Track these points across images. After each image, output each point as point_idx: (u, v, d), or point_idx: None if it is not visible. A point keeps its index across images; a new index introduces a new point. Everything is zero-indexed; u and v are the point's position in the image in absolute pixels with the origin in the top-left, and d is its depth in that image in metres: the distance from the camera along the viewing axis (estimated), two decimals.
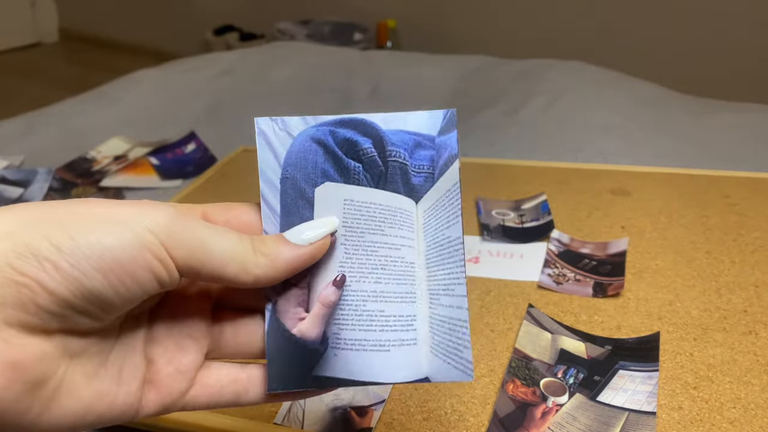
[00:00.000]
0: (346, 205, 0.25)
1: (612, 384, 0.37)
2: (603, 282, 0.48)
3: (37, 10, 3.30)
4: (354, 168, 0.25)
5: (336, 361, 0.24)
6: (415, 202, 0.25)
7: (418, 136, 0.25)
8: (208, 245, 0.21)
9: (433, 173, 0.25)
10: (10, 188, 0.69)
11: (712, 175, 0.64)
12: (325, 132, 0.25)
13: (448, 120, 0.25)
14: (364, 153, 0.25)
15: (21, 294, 0.19)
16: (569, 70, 1.01)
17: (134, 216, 0.20)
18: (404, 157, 0.25)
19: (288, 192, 0.25)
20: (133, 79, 1.07)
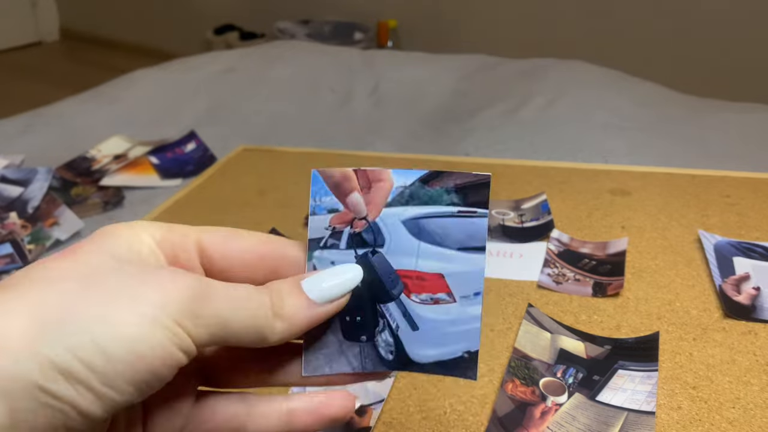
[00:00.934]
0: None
1: (611, 384, 0.37)
2: (602, 282, 0.48)
3: (37, 10, 3.30)
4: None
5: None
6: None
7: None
8: (228, 322, 0.20)
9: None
10: (10, 187, 0.69)
11: (712, 175, 0.64)
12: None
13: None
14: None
15: (53, 419, 0.17)
16: (569, 70, 1.01)
17: (158, 302, 0.19)
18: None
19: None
20: (133, 78, 1.07)
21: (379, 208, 0.24)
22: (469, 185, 0.25)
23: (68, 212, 0.64)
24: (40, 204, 0.66)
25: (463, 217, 0.24)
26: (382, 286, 0.24)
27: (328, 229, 0.25)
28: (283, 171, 0.71)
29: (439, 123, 0.88)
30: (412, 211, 0.25)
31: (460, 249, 0.24)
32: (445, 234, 0.24)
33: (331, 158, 0.74)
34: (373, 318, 0.25)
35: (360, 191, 0.24)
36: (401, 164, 0.71)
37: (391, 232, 0.25)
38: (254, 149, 0.79)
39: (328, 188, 0.25)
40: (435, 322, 0.24)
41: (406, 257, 0.24)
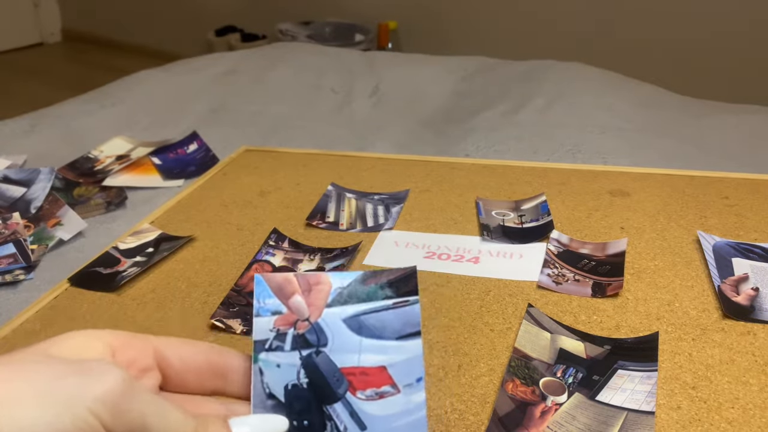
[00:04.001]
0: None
1: (611, 383, 0.38)
2: (602, 282, 0.48)
3: (40, 11, 3.30)
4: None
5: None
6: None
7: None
8: (149, 426, 0.20)
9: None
10: (13, 187, 0.69)
11: (710, 176, 0.64)
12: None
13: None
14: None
15: None
16: (569, 72, 1.01)
17: (78, 391, 0.19)
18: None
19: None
20: (135, 80, 1.07)
21: (321, 309, 0.26)
22: (400, 278, 0.26)
23: (71, 212, 0.65)
24: (42, 204, 0.66)
25: (398, 307, 0.26)
26: (327, 387, 0.25)
27: (272, 331, 0.26)
28: (284, 171, 0.72)
29: (439, 124, 0.89)
30: (352, 309, 0.26)
31: (398, 338, 0.25)
32: (383, 326, 0.26)
33: (332, 159, 0.74)
34: (320, 422, 0.25)
35: (301, 294, 0.26)
36: (402, 165, 0.72)
37: (333, 331, 0.26)
38: (256, 150, 0.79)
39: (271, 291, 0.26)
40: (382, 418, 0.25)
41: (349, 354, 0.25)
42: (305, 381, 0.25)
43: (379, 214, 0.61)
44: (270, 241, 0.56)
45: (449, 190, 0.65)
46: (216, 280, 0.52)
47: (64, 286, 0.52)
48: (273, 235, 0.57)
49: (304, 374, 0.25)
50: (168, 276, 0.53)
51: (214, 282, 0.51)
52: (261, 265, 0.53)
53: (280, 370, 0.25)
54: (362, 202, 0.63)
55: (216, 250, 0.56)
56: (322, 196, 0.64)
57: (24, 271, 0.56)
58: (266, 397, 0.25)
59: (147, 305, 0.49)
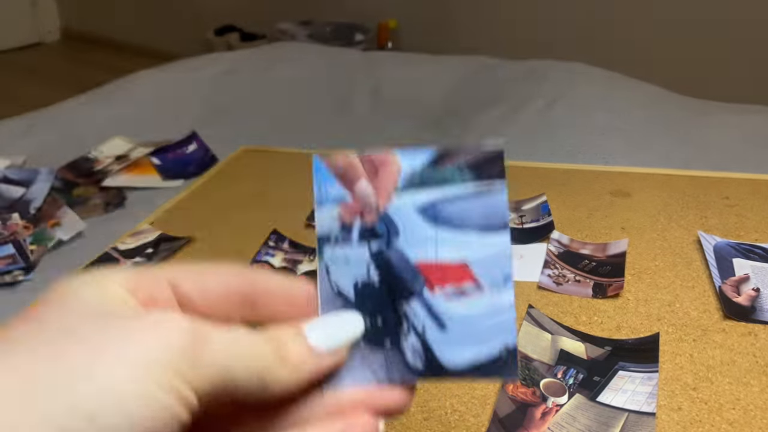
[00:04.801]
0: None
1: (612, 385, 0.38)
2: (603, 283, 0.48)
3: (38, 10, 3.30)
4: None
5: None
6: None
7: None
8: (230, 371, 0.18)
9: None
10: (12, 188, 0.69)
11: (711, 176, 0.64)
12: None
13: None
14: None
15: None
16: (569, 72, 1.01)
17: (149, 353, 0.17)
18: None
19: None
20: (134, 79, 1.07)
21: (390, 194, 0.23)
22: (483, 159, 0.22)
23: (70, 213, 0.64)
24: (42, 205, 0.66)
25: (482, 195, 0.22)
26: (401, 283, 0.22)
27: (337, 223, 0.23)
28: (283, 172, 0.72)
29: (439, 124, 0.89)
30: (426, 195, 0.23)
31: (481, 231, 0.22)
32: (464, 217, 0.22)
33: None
34: (396, 320, 0.22)
35: (367, 178, 0.23)
36: None
37: (405, 221, 0.23)
38: (255, 150, 0.79)
39: (333, 177, 0.24)
40: (464, 318, 0.22)
41: (424, 247, 0.22)
42: (376, 277, 0.22)
43: None
44: (270, 241, 0.56)
45: None
46: None
47: None
48: (273, 236, 0.57)
49: (374, 269, 0.23)
50: None
51: None
52: (261, 266, 0.53)
53: (348, 266, 0.23)
54: None
55: (215, 251, 0.56)
56: None
57: (23, 271, 0.56)
58: (335, 295, 0.23)
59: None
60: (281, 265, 0.53)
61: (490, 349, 0.22)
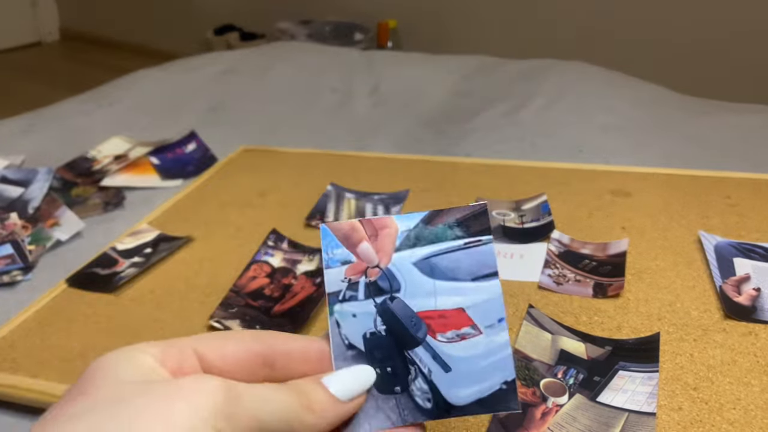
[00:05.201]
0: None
1: (612, 384, 0.38)
2: (603, 282, 0.48)
3: (38, 10, 3.30)
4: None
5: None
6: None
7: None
8: (262, 420, 0.20)
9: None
10: (11, 188, 0.69)
11: (712, 175, 0.64)
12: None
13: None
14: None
15: None
16: (569, 71, 1.01)
17: (192, 412, 0.19)
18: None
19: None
20: (133, 79, 1.07)
21: (390, 253, 0.25)
22: (469, 216, 0.25)
23: (69, 213, 0.64)
24: (40, 204, 0.66)
25: (471, 248, 0.25)
26: (406, 332, 0.24)
27: (344, 281, 0.25)
28: (283, 171, 0.71)
29: (439, 123, 0.88)
30: (422, 251, 0.25)
31: (474, 279, 0.25)
32: (457, 268, 0.25)
33: (331, 159, 0.74)
34: (403, 367, 0.24)
35: (368, 240, 0.26)
36: (402, 164, 0.71)
37: (405, 276, 0.25)
38: (255, 150, 0.79)
39: (338, 241, 0.26)
40: (466, 359, 0.24)
41: (424, 298, 0.25)
42: (383, 328, 0.25)
43: (378, 214, 0.61)
44: (269, 241, 0.56)
45: (449, 190, 0.65)
46: (214, 280, 0.51)
47: (61, 286, 0.52)
48: (272, 236, 0.56)
49: (381, 321, 0.25)
50: (166, 277, 0.52)
51: (213, 283, 0.51)
52: (260, 265, 0.53)
53: (357, 320, 0.25)
54: (362, 202, 0.63)
55: (214, 251, 0.56)
56: (321, 196, 0.64)
57: (22, 271, 0.56)
58: (346, 348, 0.25)
59: (145, 306, 0.49)
60: (280, 265, 0.53)
61: (492, 385, 0.24)
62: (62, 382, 0.41)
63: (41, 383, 0.41)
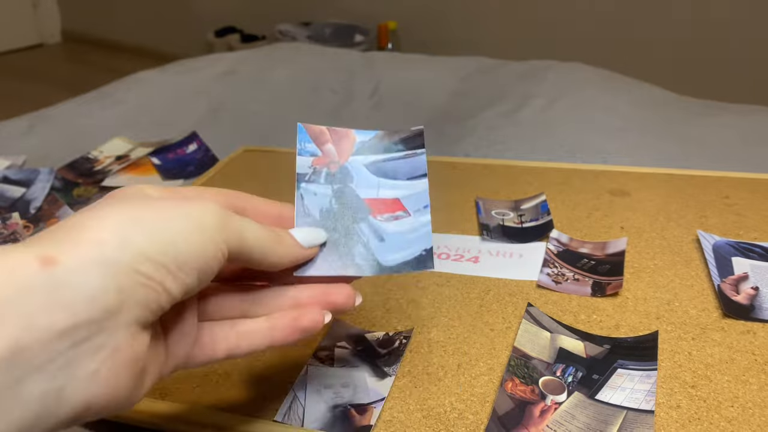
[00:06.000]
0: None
1: (610, 383, 0.38)
2: (602, 281, 0.48)
3: (39, 12, 3.31)
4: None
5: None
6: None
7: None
8: (245, 237, 0.26)
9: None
10: (13, 188, 0.69)
11: (710, 175, 0.64)
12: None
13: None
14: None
15: (149, 295, 0.22)
16: (568, 72, 1.01)
17: (204, 215, 0.25)
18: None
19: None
20: (135, 80, 1.08)
21: (347, 155, 0.34)
22: (410, 137, 0.35)
23: (70, 213, 0.65)
24: (42, 205, 0.66)
25: (408, 158, 0.33)
26: (353, 211, 0.32)
27: (311, 168, 0.33)
28: (284, 172, 0.72)
29: (438, 124, 0.89)
30: (372, 158, 0.34)
31: (408, 179, 0.33)
32: (396, 171, 0.33)
33: None
34: (347, 234, 0.31)
35: (332, 142, 0.34)
36: None
37: (358, 173, 0.33)
38: (255, 150, 0.79)
39: (310, 138, 0.34)
40: (397, 233, 0.31)
41: (370, 189, 0.32)
42: (336, 206, 0.32)
43: None
44: None
45: (449, 189, 0.65)
46: None
47: None
48: None
49: (335, 201, 0.32)
50: None
51: None
52: None
53: (317, 197, 0.32)
54: None
55: None
56: None
57: None
58: (305, 215, 0.32)
59: None
60: None
61: (414, 251, 0.31)
62: None
63: None
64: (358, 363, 0.40)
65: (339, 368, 0.40)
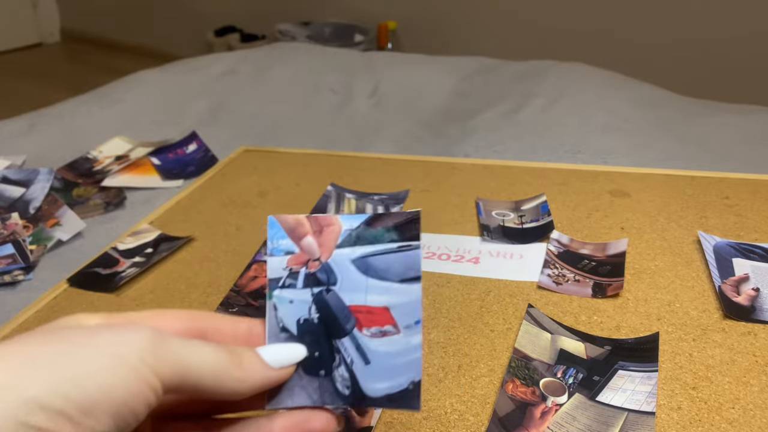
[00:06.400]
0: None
1: (611, 384, 0.38)
2: (602, 282, 0.48)
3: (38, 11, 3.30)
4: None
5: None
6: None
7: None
8: (188, 363, 0.22)
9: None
10: (12, 188, 0.69)
11: (711, 176, 0.64)
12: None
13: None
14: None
15: None
16: (568, 72, 1.01)
17: (124, 344, 0.21)
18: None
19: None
20: (134, 80, 1.07)
21: (331, 249, 0.28)
22: (404, 222, 0.28)
23: (70, 213, 0.64)
24: (41, 205, 0.66)
25: (401, 251, 0.27)
26: (337, 323, 0.27)
27: (285, 270, 0.28)
28: (283, 172, 0.72)
29: (439, 124, 0.89)
30: (360, 250, 0.28)
31: (401, 281, 0.27)
32: (388, 268, 0.27)
33: (331, 159, 0.74)
34: (330, 353, 0.26)
35: (312, 235, 0.28)
36: (401, 165, 0.72)
37: (342, 271, 0.27)
38: (255, 150, 0.79)
39: (285, 232, 0.28)
40: (384, 354, 0.26)
41: (356, 293, 0.27)
42: (316, 316, 0.27)
43: None
44: None
45: (449, 190, 0.65)
46: (215, 280, 0.52)
47: (63, 286, 0.52)
48: None
49: (315, 310, 0.27)
50: (167, 277, 0.53)
51: (214, 283, 0.51)
52: (260, 265, 0.53)
53: (293, 306, 0.27)
54: (362, 203, 0.63)
55: (215, 251, 0.56)
56: (321, 196, 0.64)
57: (23, 271, 0.56)
58: (279, 330, 0.27)
59: (146, 306, 0.49)
60: None
61: (401, 383, 0.26)
62: None
63: None
64: None
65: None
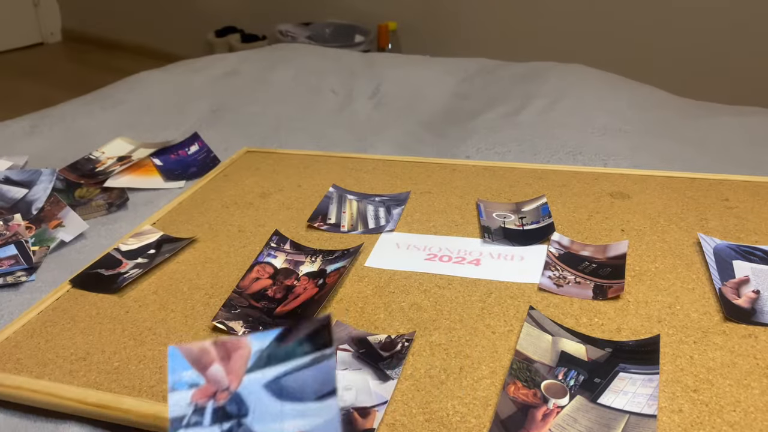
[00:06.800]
0: None
1: (612, 386, 0.38)
2: (603, 284, 0.48)
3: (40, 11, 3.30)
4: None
5: None
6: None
7: None
8: None
9: None
10: (15, 189, 0.69)
11: (711, 178, 0.64)
12: None
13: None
14: None
15: None
16: (569, 73, 1.01)
17: None
18: None
19: None
20: (136, 81, 1.08)
21: (241, 376, 0.25)
22: (314, 331, 0.26)
23: (72, 214, 0.65)
24: (44, 206, 0.66)
25: (315, 364, 0.25)
26: None
27: (190, 406, 0.25)
28: (285, 173, 0.72)
29: (439, 125, 0.89)
30: (272, 371, 0.25)
31: (316, 399, 0.25)
32: (302, 387, 0.25)
33: (333, 160, 0.74)
34: None
35: (220, 362, 0.25)
36: (403, 166, 0.72)
37: (254, 400, 0.25)
38: (257, 151, 0.79)
39: (188, 363, 0.26)
40: None
41: (270, 423, 0.25)
42: None
43: (380, 215, 0.61)
44: (271, 242, 0.56)
45: (450, 191, 0.65)
46: (218, 281, 0.52)
47: (65, 287, 0.52)
48: (274, 237, 0.57)
49: None
50: (170, 278, 0.53)
51: (216, 284, 0.51)
52: (263, 266, 0.53)
53: None
54: (363, 204, 0.63)
55: (217, 252, 0.56)
56: (323, 197, 0.64)
57: (25, 272, 0.56)
58: None
59: (149, 307, 0.49)
60: (283, 266, 0.53)
61: None
62: (66, 382, 0.41)
63: (45, 384, 0.41)
64: (361, 366, 0.40)
65: (341, 371, 0.40)
